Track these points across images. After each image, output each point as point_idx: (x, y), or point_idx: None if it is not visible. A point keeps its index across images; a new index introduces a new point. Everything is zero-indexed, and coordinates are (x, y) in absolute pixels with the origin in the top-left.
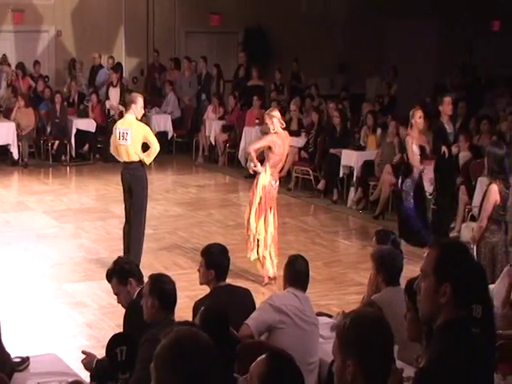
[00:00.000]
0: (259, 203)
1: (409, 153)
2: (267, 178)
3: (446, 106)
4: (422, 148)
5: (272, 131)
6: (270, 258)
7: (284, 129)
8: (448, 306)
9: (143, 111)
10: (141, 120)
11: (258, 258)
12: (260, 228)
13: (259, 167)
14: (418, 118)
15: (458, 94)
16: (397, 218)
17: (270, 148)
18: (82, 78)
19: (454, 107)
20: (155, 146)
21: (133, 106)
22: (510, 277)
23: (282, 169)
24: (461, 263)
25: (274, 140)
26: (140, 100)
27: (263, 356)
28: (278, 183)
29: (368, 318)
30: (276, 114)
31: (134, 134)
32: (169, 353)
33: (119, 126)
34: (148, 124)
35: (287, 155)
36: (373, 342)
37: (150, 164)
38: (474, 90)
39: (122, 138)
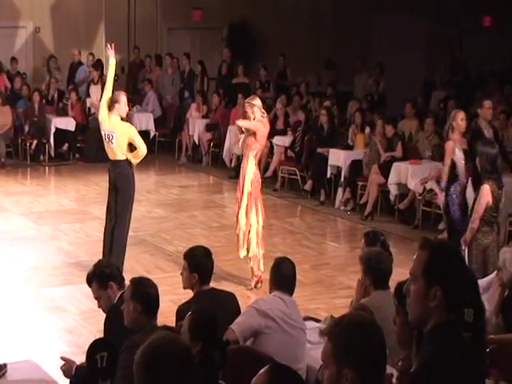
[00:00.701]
0: (248, 198)
1: (447, 159)
2: (252, 169)
3: (486, 110)
4: (465, 152)
5: (252, 120)
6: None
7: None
8: (438, 309)
9: (127, 108)
10: (125, 119)
11: (249, 256)
12: (253, 221)
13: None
14: (460, 120)
15: (447, 92)
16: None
17: (254, 134)
18: (58, 75)
19: (444, 105)
20: (142, 149)
21: (116, 105)
22: (500, 281)
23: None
24: (451, 265)
25: (260, 127)
26: (123, 98)
27: (265, 368)
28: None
29: (364, 323)
30: (257, 102)
31: (120, 137)
32: (144, 360)
33: (104, 128)
34: (130, 122)
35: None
36: (372, 349)
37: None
38: (464, 88)
39: (108, 139)
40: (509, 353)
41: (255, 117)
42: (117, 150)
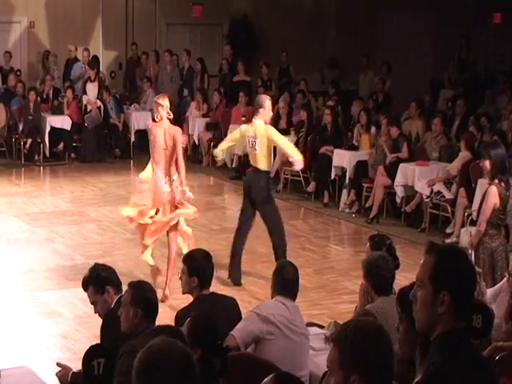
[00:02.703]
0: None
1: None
2: (147, 175)
3: None
4: None
5: (157, 119)
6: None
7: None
8: (446, 315)
9: (271, 113)
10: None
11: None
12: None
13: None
14: None
15: (455, 91)
16: None
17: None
18: (56, 71)
19: (452, 105)
20: (289, 146)
21: (261, 110)
22: (511, 287)
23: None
24: (459, 270)
25: (153, 129)
26: (268, 103)
27: (270, 376)
28: (177, 184)
29: (372, 329)
30: (164, 102)
31: (261, 143)
32: (141, 366)
33: (247, 134)
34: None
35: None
36: (379, 355)
37: (130, 164)
38: (473, 87)
39: (251, 146)
40: None
41: (160, 116)
42: (259, 157)
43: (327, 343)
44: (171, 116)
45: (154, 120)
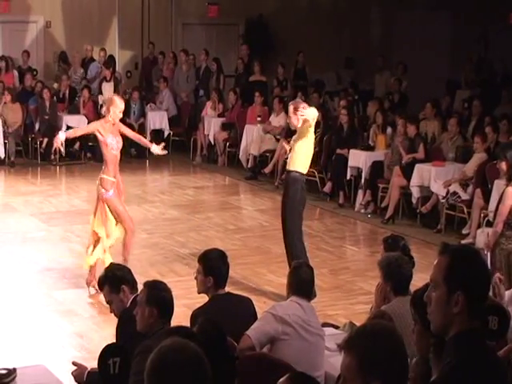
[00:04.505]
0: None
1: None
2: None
3: None
4: None
5: (110, 119)
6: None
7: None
8: (461, 316)
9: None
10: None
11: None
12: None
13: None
14: None
15: (472, 92)
16: None
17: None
18: (77, 71)
19: (468, 105)
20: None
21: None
22: None
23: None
24: (473, 270)
25: (99, 128)
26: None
27: (285, 376)
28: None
29: (387, 332)
30: (119, 104)
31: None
32: (152, 367)
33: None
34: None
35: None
36: (396, 358)
37: (146, 164)
38: (489, 87)
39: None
40: None
41: (112, 117)
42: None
43: (340, 349)
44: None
45: None
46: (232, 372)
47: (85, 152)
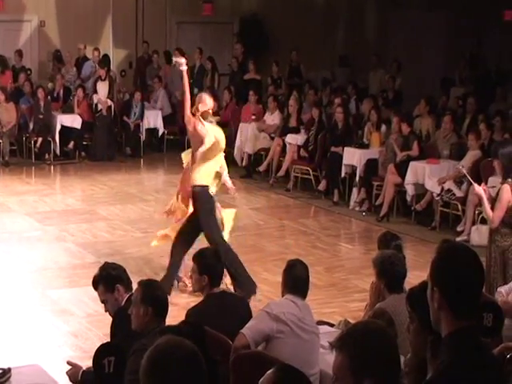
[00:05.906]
0: None
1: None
2: None
3: None
4: None
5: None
6: None
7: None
8: (446, 316)
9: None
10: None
11: None
12: None
13: None
14: None
15: (466, 89)
16: None
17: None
18: (70, 70)
19: (463, 103)
20: None
21: None
22: None
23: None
24: (452, 268)
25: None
26: None
27: (272, 369)
28: None
29: (378, 331)
30: (209, 102)
31: None
32: (148, 365)
33: None
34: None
35: None
36: (388, 356)
37: (140, 163)
38: (483, 84)
39: None
40: None
41: None
42: None
43: (332, 349)
44: None
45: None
46: (214, 375)
47: (79, 151)
